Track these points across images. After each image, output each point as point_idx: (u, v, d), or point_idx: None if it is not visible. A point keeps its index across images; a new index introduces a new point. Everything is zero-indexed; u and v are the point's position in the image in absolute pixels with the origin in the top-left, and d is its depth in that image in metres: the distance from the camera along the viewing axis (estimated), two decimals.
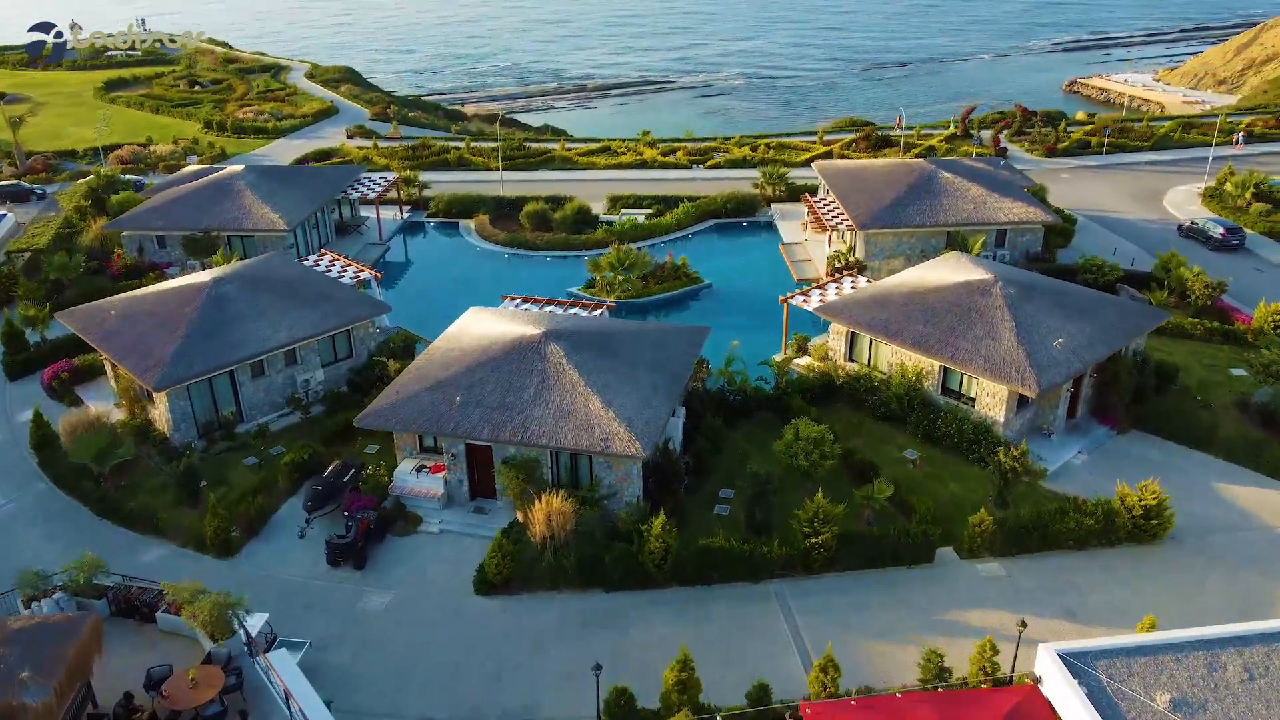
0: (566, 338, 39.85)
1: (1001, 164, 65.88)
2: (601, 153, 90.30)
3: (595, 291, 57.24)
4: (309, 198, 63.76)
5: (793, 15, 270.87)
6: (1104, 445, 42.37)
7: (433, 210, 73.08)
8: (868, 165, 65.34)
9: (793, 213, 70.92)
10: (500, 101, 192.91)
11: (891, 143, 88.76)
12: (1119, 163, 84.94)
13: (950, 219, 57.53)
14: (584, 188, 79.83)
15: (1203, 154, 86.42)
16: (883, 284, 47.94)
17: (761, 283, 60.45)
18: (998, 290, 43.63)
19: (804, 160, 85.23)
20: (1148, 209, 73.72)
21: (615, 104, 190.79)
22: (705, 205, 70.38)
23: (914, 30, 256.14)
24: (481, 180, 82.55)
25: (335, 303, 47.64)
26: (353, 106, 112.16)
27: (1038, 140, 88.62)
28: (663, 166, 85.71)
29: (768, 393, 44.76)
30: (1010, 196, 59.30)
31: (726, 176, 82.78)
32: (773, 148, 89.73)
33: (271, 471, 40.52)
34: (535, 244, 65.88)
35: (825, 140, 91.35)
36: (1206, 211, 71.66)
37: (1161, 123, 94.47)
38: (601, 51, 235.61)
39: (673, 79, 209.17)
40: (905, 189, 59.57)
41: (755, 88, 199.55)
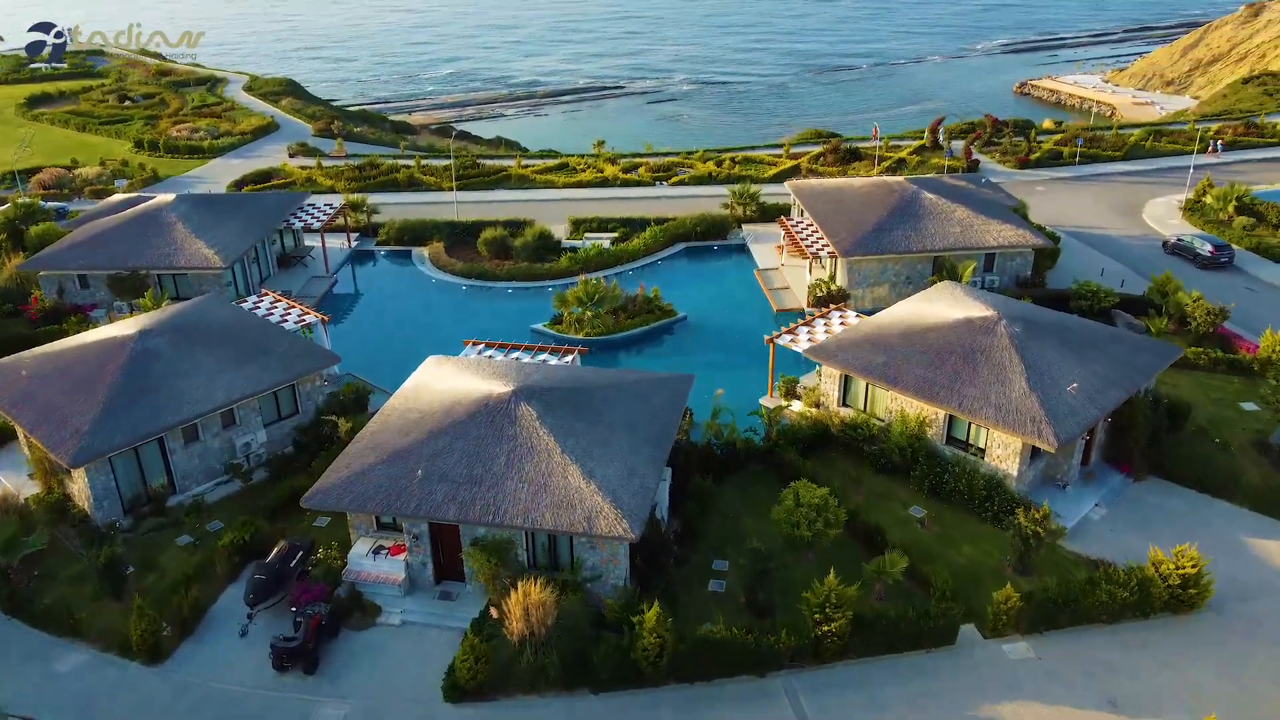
0: (539, 396, 35.78)
1: (984, 182, 63.10)
2: (560, 169, 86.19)
3: (563, 329, 53.18)
4: (248, 229, 58.84)
5: (743, 20, 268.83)
6: (1121, 495, 39.31)
7: (383, 238, 68.38)
8: (845, 185, 62.06)
9: (766, 235, 67.46)
10: (448, 110, 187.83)
11: (860, 155, 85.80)
12: (1093, 174, 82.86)
13: (937, 244, 54.39)
14: (543, 209, 75.75)
15: (1176, 163, 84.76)
16: (876, 321, 44.51)
17: (739, 314, 56.89)
18: (1002, 329, 40.41)
19: (771, 176, 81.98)
20: (1128, 223, 71.51)
21: (566, 111, 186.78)
22: (674, 228, 66.63)
23: (864, 33, 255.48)
24: (434, 202, 77.99)
25: (278, 354, 42.99)
26: (294, 122, 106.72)
27: (1009, 151, 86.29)
28: (625, 184, 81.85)
29: (758, 445, 41.08)
30: (997, 219, 56.35)
31: (692, 194, 79.19)
32: (738, 162, 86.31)
33: (209, 553, 35.89)
34: (495, 274, 61.56)
35: (791, 154, 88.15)
36: (1188, 226, 69.58)
37: (1131, 130, 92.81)
38: (551, 58, 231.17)
39: (623, 84, 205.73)
40: (888, 212, 56.33)
41: (707, 93, 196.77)
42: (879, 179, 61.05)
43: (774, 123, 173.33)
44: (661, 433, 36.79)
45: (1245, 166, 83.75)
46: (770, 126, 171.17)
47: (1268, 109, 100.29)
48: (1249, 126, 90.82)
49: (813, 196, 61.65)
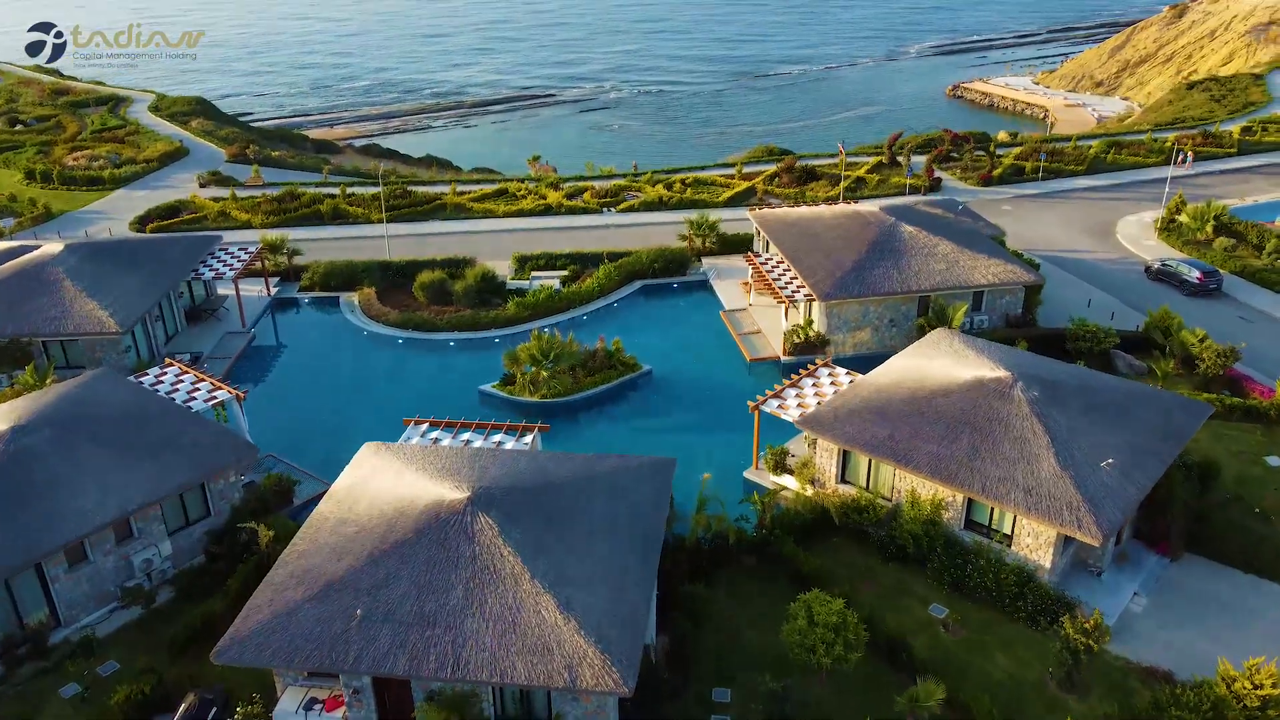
0: (499, 502, 29.98)
1: (960, 208, 58.94)
2: (499, 196, 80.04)
3: (515, 390, 47.31)
4: (150, 283, 51.72)
5: (674, 25, 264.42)
6: (1161, 580, 34.94)
7: (307, 282, 61.55)
8: (815, 216, 57.23)
9: (728, 269, 62.37)
10: (374, 121, 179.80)
11: (817, 175, 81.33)
12: (1057, 190, 79.61)
13: (923, 283, 49.80)
14: (484, 243, 69.65)
15: (1140, 177, 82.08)
16: (874, 382, 39.58)
17: (708, 365, 51.63)
18: (1019, 394, 35.80)
19: (726, 200, 77.01)
20: (1103, 245, 68.12)
21: (496, 121, 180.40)
22: (629, 265, 61.13)
23: (794, 37, 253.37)
24: (362, 237, 71.29)
25: (184, 448, 36.42)
26: (206, 146, 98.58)
27: (969, 168, 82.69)
28: (570, 211, 76.06)
29: (751, 536, 35.82)
30: (983, 253, 52.02)
31: (643, 222, 73.79)
32: (689, 184, 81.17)
33: (100, 708, 29.36)
34: (435, 324, 55.31)
35: (744, 174, 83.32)
36: (1166, 247, 66.41)
37: (1089, 142, 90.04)
38: (479, 66, 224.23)
39: (554, 93, 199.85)
40: (866, 247, 51.60)
41: (640, 101, 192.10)
42: (851, 209, 56.38)
43: (710, 131, 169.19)
44: (647, 538, 31.26)
45: (1209, 179, 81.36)
46: (707, 135, 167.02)
47: (1218, 116, 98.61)
48: (1206, 136, 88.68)
49: (781, 229, 56.71)
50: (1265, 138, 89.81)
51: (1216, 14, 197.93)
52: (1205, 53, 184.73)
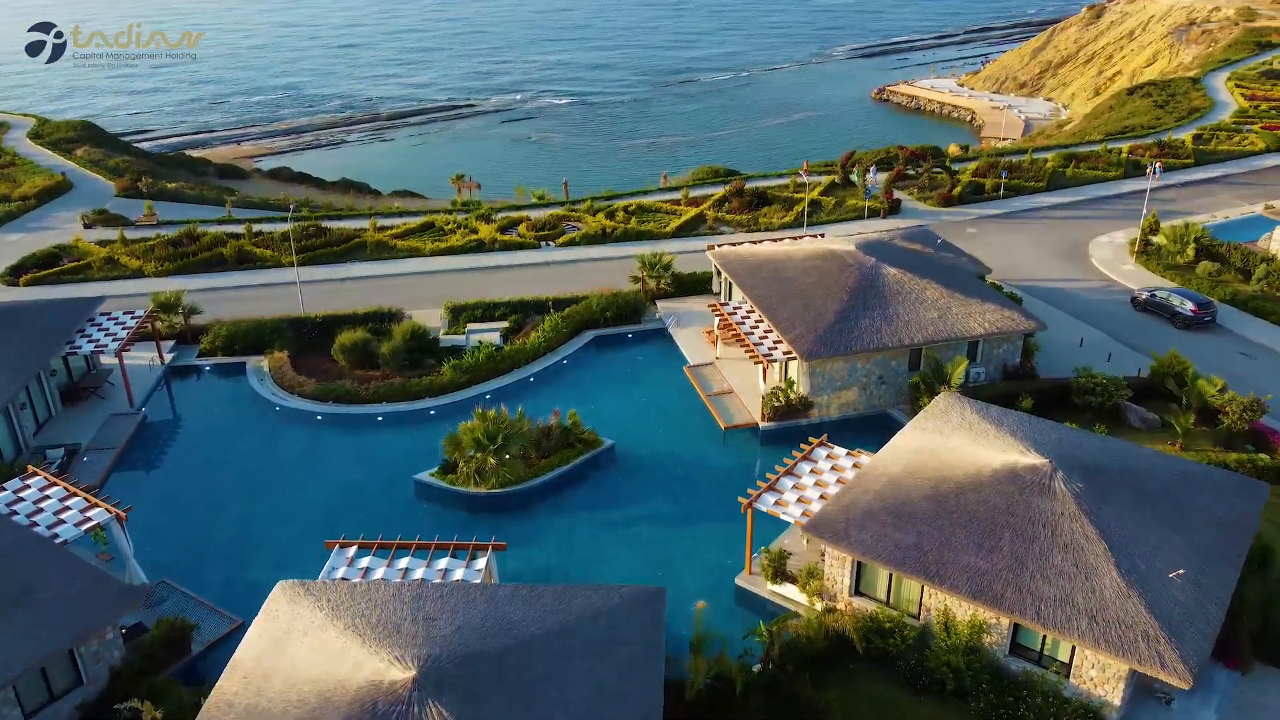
0: (454, 680, 23.47)
1: (939, 241, 53.82)
2: (424, 231, 72.65)
3: (458, 480, 40.44)
4: (15, 364, 43.41)
5: (595, 31, 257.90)
6: (1236, 702, 29.85)
7: (208, 346, 53.49)
8: (785, 257, 51.43)
9: (688, 314, 56.25)
10: (283, 137, 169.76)
11: (769, 199, 75.80)
12: (1020, 209, 75.46)
13: (915, 336, 44.36)
14: (410, 287, 62.46)
15: (1102, 192, 78.55)
16: (885, 470, 33.82)
17: (678, 434, 45.45)
18: (1060, 486, 30.45)
19: (675, 229, 70.97)
20: (1078, 270, 63.92)
21: (414, 134, 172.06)
22: (578, 314, 54.61)
23: (717, 41, 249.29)
24: (272, 284, 63.37)
25: (45, 606, 28.82)
26: (93, 179, 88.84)
27: (927, 187, 78.11)
28: (505, 247, 69.10)
29: (757, 674, 29.69)
30: (976, 296, 46.86)
31: (587, 258, 67.31)
32: (632, 212, 74.91)
33: None
34: (359, 395, 47.98)
35: (691, 198, 77.37)
36: (1145, 272, 62.48)
37: (1044, 154, 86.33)
38: (394, 77, 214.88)
39: (474, 103, 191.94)
40: (848, 295, 45.99)
41: (564, 110, 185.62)
42: (825, 248, 50.71)
43: (639, 141, 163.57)
44: (643, 708, 24.90)
45: (1171, 192, 78.12)
46: (635, 145, 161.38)
47: (1166, 123, 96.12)
48: (1163, 147, 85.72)
49: (747, 273, 50.81)
50: (1219, 146, 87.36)
51: (1134, 14, 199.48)
52: (1126, 53, 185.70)
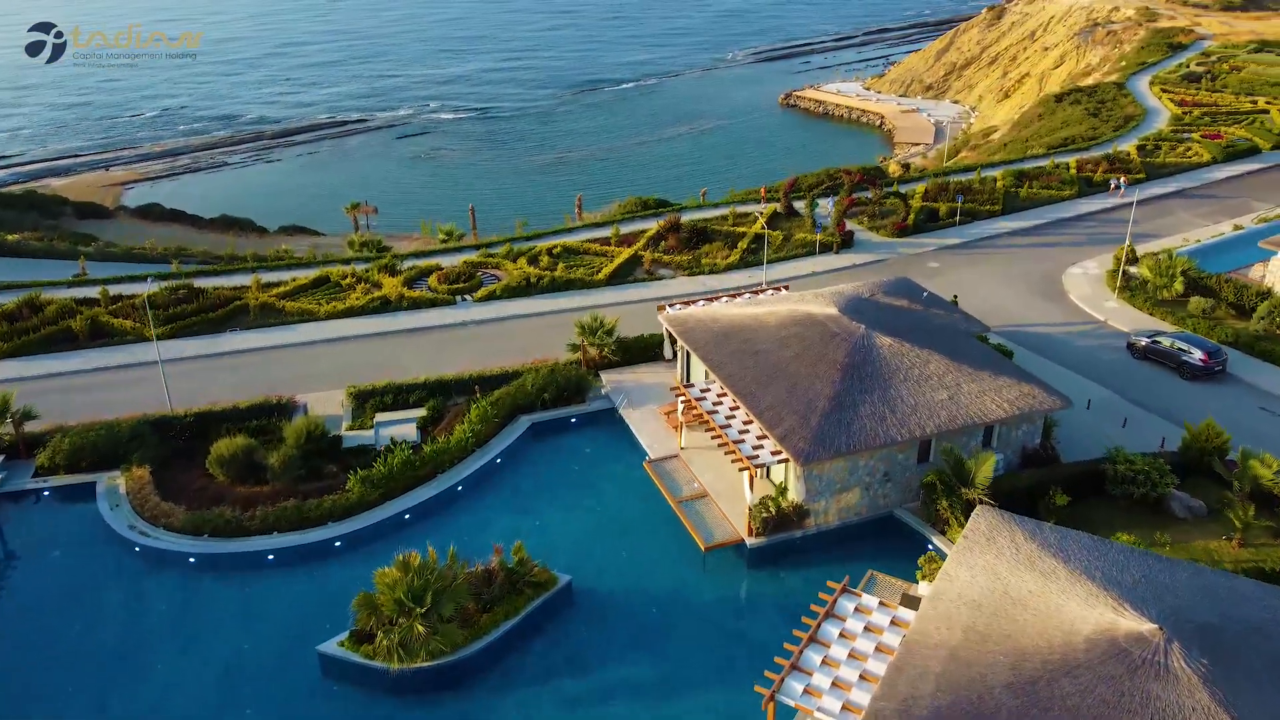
0: None
1: (925, 295, 46.70)
2: (318, 287, 62.49)
3: (375, 652, 31.14)
4: None
5: (493, 40, 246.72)
6: None
7: (47, 462, 42.61)
8: (755, 324, 43.41)
9: (639, 389, 47.86)
10: (158, 160, 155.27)
11: (709, 234, 68.01)
12: (979, 236, 69.45)
13: (926, 424, 36.94)
14: (304, 362, 52.67)
15: (1061, 213, 73.25)
16: (942, 641, 26.06)
17: (646, 558, 37.10)
18: (1180, 663, 23.25)
19: (608, 275, 62.57)
20: (1059, 309, 57.93)
21: (303, 153, 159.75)
22: (510, 397, 45.67)
23: (617, 46, 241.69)
24: (133, 365, 52.65)
25: None
26: None
27: (877, 215, 71.51)
28: (414, 305, 59.53)
29: None
30: (987, 368, 39.77)
31: (512, 314, 58.45)
32: (557, 255, 66.17)
33: None
34: (244, 525, 38.12)
35: (622, 235, 68.99)
36: (1131, 310, 56.83)
37: (992, 171, 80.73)
38: (280, 91, 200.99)
39: (365, 117, 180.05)
40: (839, 373, 38.31)
41: (464, 122, 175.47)
42: (802, 311, 42.84)
43: (545, 155, 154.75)
44: None
45: (1129, 212, 73.24)
46: (541, 159, 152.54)
47: (1104, 133, 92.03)
48: (1112, 161, 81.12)
49: (713, 344, 42.70)
50: (1167, 158, 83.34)
51: (1034, 15, 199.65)
52: (1030, 54, 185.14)
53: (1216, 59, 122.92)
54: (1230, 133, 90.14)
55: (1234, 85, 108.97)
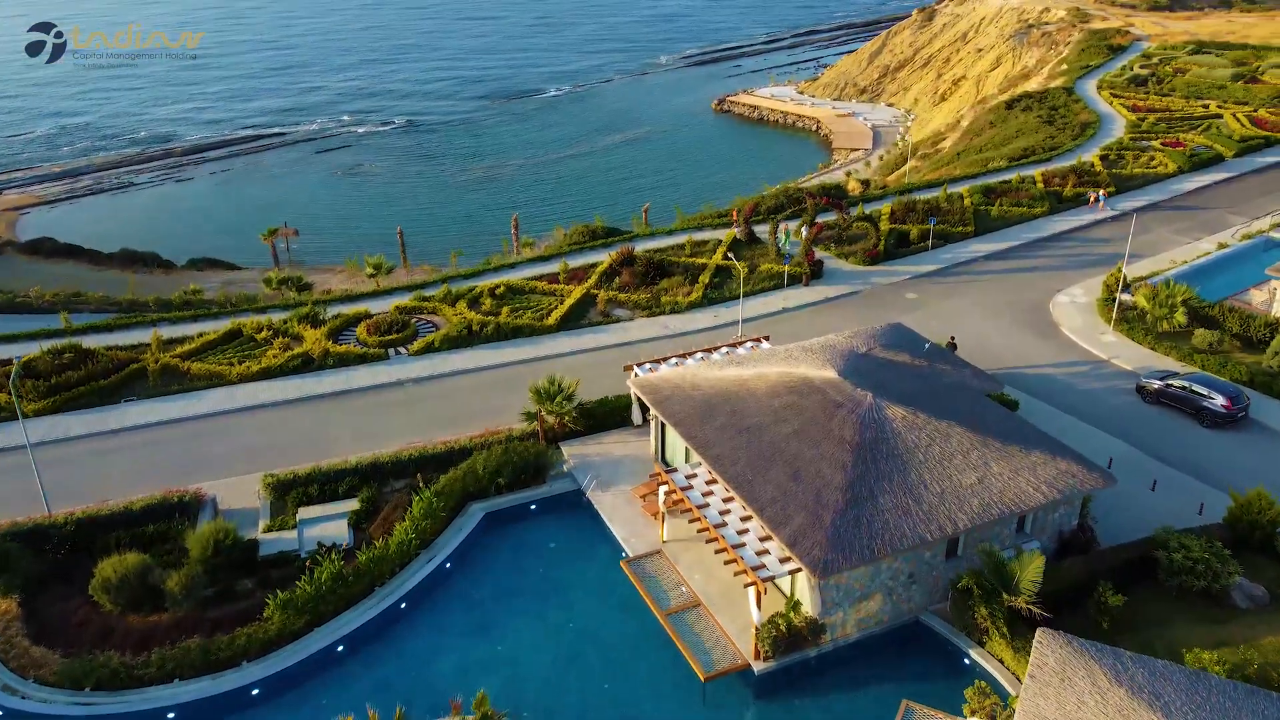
0: None
1: (928, 346, 41.30)
2: (230, 342, 54.87)
3: None
4: None
5: (418, 48, 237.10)
6: None
7: None
8: (739, 388, 37.53)
9: (607, 465, 41.59)
10: (57, 182, 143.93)
11: (667, 270, 62.06)
12: (954, 261, 64.71)
13: (958, 517, 31.43)
14: (211, 438, 45.32)
15: (1037, 233, 68.98)
16: None
17: (634, 693, 30.84)
18: None
19: (559, 320, 56.13)
20: (1052, 344, 53.29)
21: (216, 170, 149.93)
22: (458, 482, 39.02)
23: (545, 53, 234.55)
24: (6, 451, 44.62)
25: None
26: None
27: (844, 239, 66.37)
28: (341, 362, 52.35)
29: None
30: (1015, 441, 34.48)
31: (453, 371, 51.68)
32: (500, 295, 59.56)
33: None
34: (136, 674, 30.91)
35: (570, 271, 62.64)
36: (1130, 344, 52.43)
37: (957, 187, 76.21)
38: (192, 104, 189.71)
39: (284, 130, 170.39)
40: (850, 455, 32.62)
41: (388, 134, 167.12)
42: (798, 376, 37.04)
43: (476, 167, 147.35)
44: None
45: (1103, 229, 69.49)
46: (472, 172, 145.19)
47: (1063, 142, 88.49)
48: (1080, 175, 77.29)
49: (695, 418, 36.69)
50: (1133, 169, 79.87)
51: (965, 16, 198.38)
52: (963, 56, 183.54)
53: (1158, 61, 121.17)
54: (1190, 140, 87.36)
55: (1181, 88, 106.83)
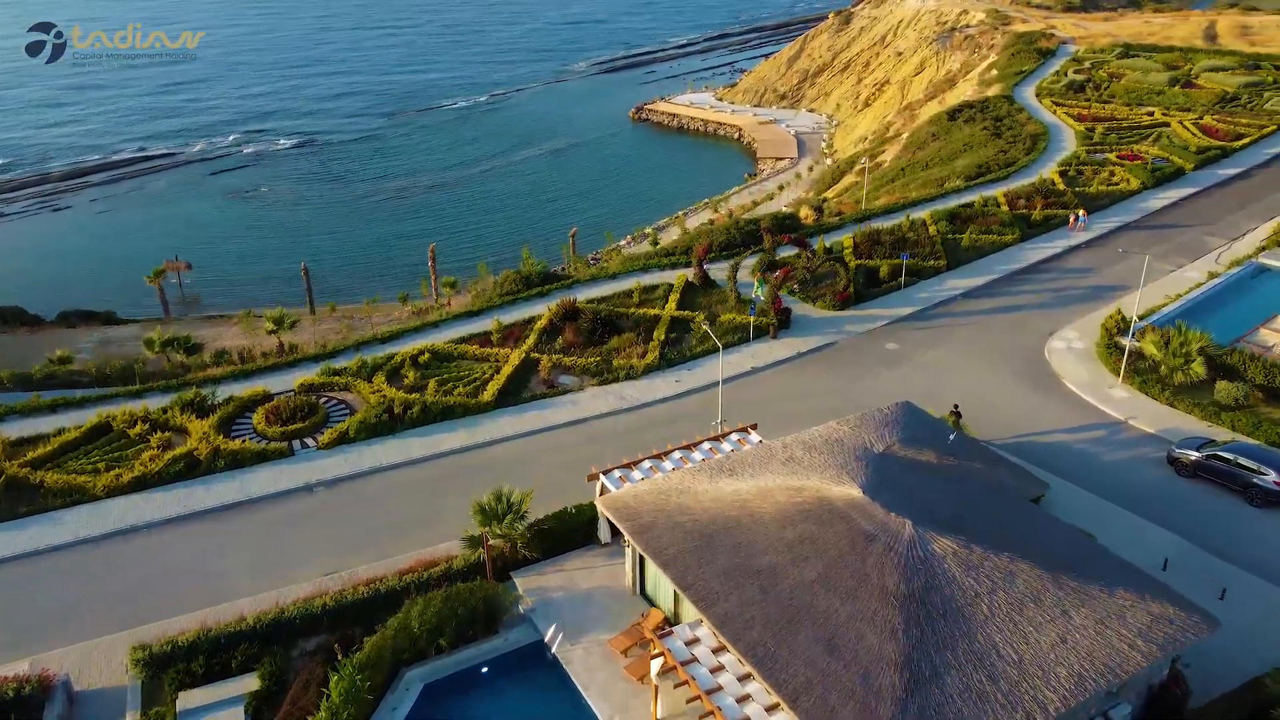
0: None
1: (953, 438, 34.53)
2: (96, 439, 45.10)
3: None
4: None
5: (318, 59, 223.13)
6: None
7: None
8: (742, 514, 30.06)
9: (569, 604, 33.50)
10: None
11: (616, 323, 54.34)
12: (932, 302, 58.54)
13: (1047, 700, 24.40)
14: (66, 586, 36.09)
15: (1013, 264, 63.40)
16: None
17: None
18: None
19: (494, 397, 47.86)
20: (1056, 399, 47.31)
21: (98, 197, 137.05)
22: (389, 646, 30.59)
23: (455, 64, 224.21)
24: None
25: None
26: None
27: (809, 281, 59.62)
28: (234, 462, 43.10)
29: None
30: (1096, 578, 27.74)
31: (373, 468, 43.00)
32: (424, 365, 51.02)
33: None
34: None
35: (504, 329, 54.41)
36: (1146, 400, 46.70)
37: (918, 211, 70.22)
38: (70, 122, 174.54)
39: (173, 151, 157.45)
40: (897, 614, 25.46)
41: (288, 153, 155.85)
42: (812, 496, 29.74)
43: (385, 189, 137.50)
44: None
45: (1076, 257, 64.39)
46: (381, 195, 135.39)
47: (1017, 158, 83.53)
48: (1046, 196, 72.12)
49: (690, 560, 29.06)
50: (1097, 186, 75.18)
51: (883, 19, 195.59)
52: (883, 60, 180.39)
53: (1091, 65, 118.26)
54: (1147, 152, 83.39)
55: (1121, 95, 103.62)
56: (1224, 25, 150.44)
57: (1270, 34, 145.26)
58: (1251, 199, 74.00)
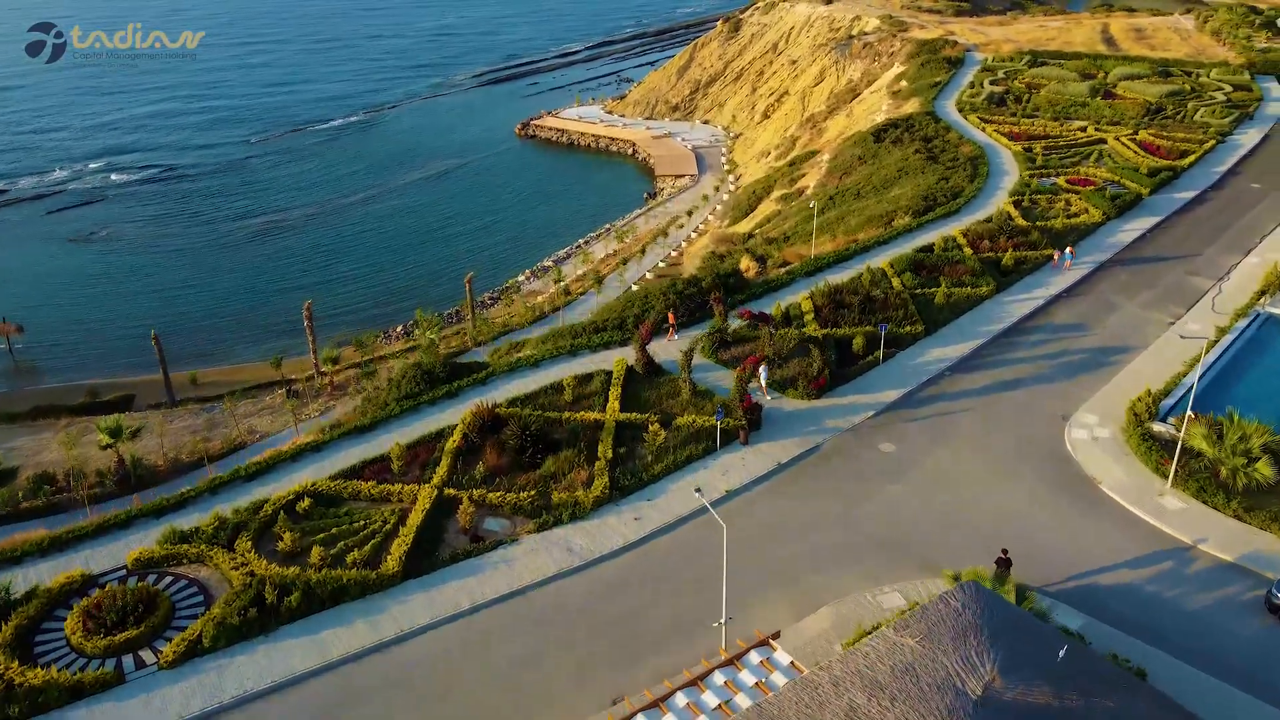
0: None
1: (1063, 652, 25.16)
2: None
3: None
4: None
5: (166, 81, 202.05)
6: None
7: None
8: None
9: None
10: None
11: (550, 438, 43.16)
12: (919, 381, 49.31)
13: None
14: None
15: (996, 323, 54.95)
16: None
17: None
18: None
19: (401, 560, 36.25)
20: (1108, 523, 38.52)
21: None
22: None
23: (323, 80, 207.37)
24: None
25: None
26: None
27: (774, 360, 49.74)
28: (34, 707, 30.35)
29: None
30: None
31: (240, 697, 30.95)
32: (304, 517, 38.89)
33: None
34: None
35: (407, 452, 42.64)
36: (1205, 511, 38.40)
37: (874, 259, 61.21)
38: None
39: (4, 188, 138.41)
40: None
41: (137, 186, 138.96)
42: None
43: (251, 224, 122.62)
44: None
45: (1059, 310, 56.57)
46: (246, 231, 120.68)
47: (963, 188, 75.70)
48: (1011, 235, 64.32)
49: None
50: (1061, 219, 67.91)
51: (773, 26, 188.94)
52: (777, 68, 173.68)
53: (1004, 75, 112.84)
54: (1096, 175, 77.00)
55: (1045, 109, 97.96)
56: (1117, 29, 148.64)
57: (1164, 36, 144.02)
58: (1221, 227, 68.04)
